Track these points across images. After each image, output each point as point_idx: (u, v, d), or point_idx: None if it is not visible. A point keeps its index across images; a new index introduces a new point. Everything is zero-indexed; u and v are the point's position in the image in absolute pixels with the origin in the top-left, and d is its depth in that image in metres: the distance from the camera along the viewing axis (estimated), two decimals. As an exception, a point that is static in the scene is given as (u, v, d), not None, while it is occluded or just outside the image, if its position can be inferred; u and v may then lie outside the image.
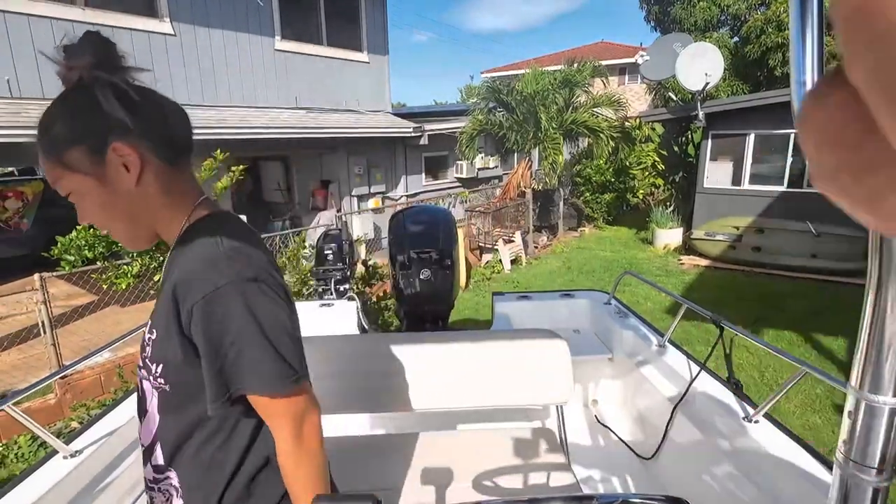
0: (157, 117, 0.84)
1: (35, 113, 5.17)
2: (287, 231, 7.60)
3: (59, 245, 3.98)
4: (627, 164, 11.36)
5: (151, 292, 4.99)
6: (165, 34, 6.65)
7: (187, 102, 6.85)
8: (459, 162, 11.41)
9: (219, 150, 4.53)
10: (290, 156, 9.67)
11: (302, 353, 0.86)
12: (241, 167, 4.71)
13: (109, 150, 0.79)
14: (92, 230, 3.96)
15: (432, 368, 1.70)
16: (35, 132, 0.81)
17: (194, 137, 0.92)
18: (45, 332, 4.50)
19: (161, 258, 4.16)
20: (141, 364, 0.89)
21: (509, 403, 1.77)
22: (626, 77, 21.52)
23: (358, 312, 2.87)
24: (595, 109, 9.90)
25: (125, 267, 4.14)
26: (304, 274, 5.34)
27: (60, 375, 4.28)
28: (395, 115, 10.43)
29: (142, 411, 0.92)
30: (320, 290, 4.71)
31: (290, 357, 0.82)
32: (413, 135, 9.59)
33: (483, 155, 11.78)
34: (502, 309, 2.76)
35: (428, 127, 9.93)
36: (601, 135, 9.49)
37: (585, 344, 2.60)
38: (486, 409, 2.08)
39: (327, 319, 2.86)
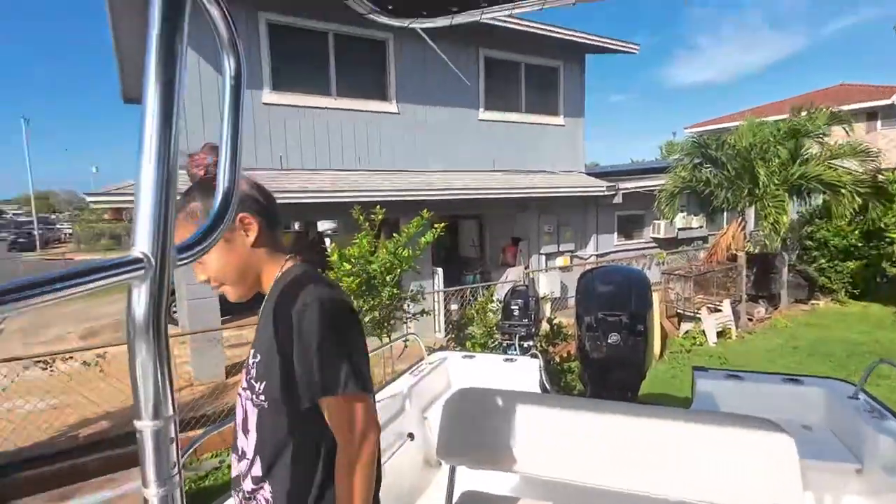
0: (263, 196, 1.13)
1: (298, 181, 6.57)
2: (477, 284, 8.02)
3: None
4: (882, 224, 9.23)
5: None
6: (392, 113, 7.90)
7: (403, 169, 7.95)
8: (657, 221, 10.70)
9: (425, 210, 5.10)
10: (485, 214, 10.31)
11: (369, 372, 1.05)
12: (443, 225, 5.19)
13: (237, 220, 1.07)
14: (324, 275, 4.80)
15: (616, 443, 1.56)
16: (287, 196, 1.11)
17: (402, 199, 1.16)
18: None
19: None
20: (245, 386, 1.10)
21: (706, 501, 1.50)
22: (879, 122, 17.83)
23: (540, 371, 2.84)
24: (833, 161, 8.40)
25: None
26: (490, 327, 5.52)
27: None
28: (589, 174, 10.39)
29: (244, 429, 1.10)
30: (504, 344, 4.82)
31: (359, 369, 1.01)
32: (606, 193, 9.39)
33: (685, 214, 10.86)
34: (705, 387, 2.45)
35: (622, 185, 9.63)
36: (842, 190, 7.96)
37: (820, 445, 2.13)
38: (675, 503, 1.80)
39: (509, 374, 2.89)
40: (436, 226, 5.11)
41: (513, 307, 4.74)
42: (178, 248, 0.52)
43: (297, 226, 13.41)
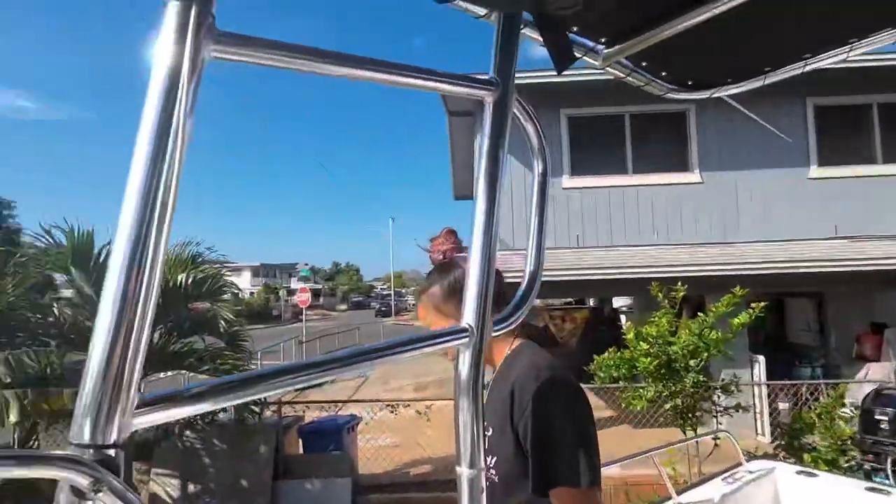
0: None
1: (592, 257, 6.72)
2: (818, 381, 6.31)
3: (595, 362, 4.81)
4: None
5: (661, 419, 5.17)
6: (694, 183, 7.36)
7: (707, 241, 7.18)
8: None
9: (738, 287, 4.43)
10: (825, 292, 8.22)
11: (599, 464, 1.00)
12: (762, 304, 4.40)
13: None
14: (619, 353, 4.61)
15: None
16: (565, 272, 1.15)
17: (706, 274, 1.07)
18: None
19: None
20: None
21: None
22: None
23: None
24: None
25: (641, 390, 4.52)
26: (842, 439, 4.22)
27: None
28: None
29: None
30: (866, 466, 3.58)
31: (595, 462, 0.98)
32: None
33: None
34: None
35: None
36: None
37: None
38: None
39: (878, 508, 2.13)
40: (753, 305, 4.36)
41: (878, 417, 3.54)
42: (495, 320, 0.62)
43: (591, 301, 13.46)
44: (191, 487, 4.83)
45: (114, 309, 0.36)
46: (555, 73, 0.65)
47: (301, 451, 5.45)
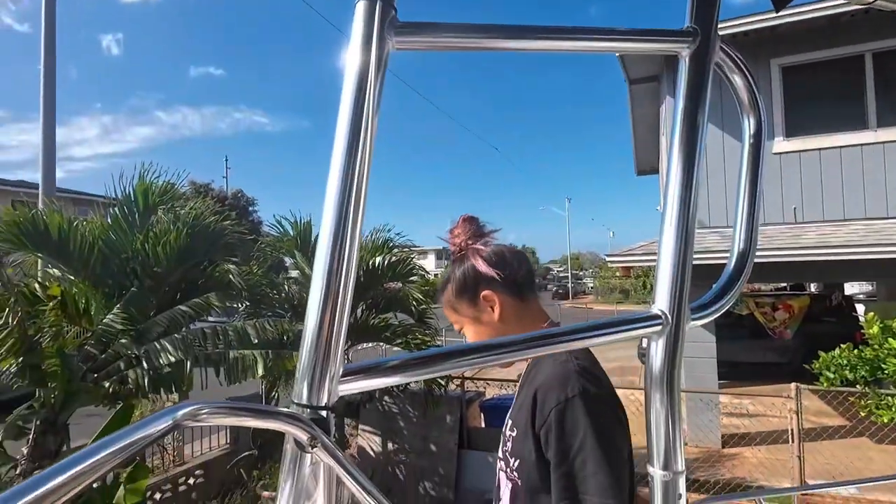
0: (505, 267, 1.09)
1: (814, 235, 5.61)
2: None
3: (820, 360, 4.03)
4: None
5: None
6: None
7: None
8: None
9: None
10: None
11: (625, 478, 0.90)
12: None
13: (480, 298, 1.09)
14: (856, 350, 3.77)
15: None
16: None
17: None
18: (792, 442, 4.62)
19: None
20: (500, 455, 1.06)
21: None
22: None
23: None
24: None
25: (888, 399, 3.64)
26: None
27: (802, 492, 4.25)
28: None
29: (497, 498, 1.07)
30: None
31: (619, 479, 0.88)
32: None
33: None
34: None
35: None
36: None
37: None
38: None
39: None
40: None
41: None
42: (693, 306, 0.54)
43: (812, 287, 11.32)
44: (389, 446, 5.45)
45: (321, 286, 0.40)
46: (761, 17, 0.53)
47: (483, 424, 5.72)
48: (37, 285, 3.13)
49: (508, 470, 1.02)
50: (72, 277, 3.45)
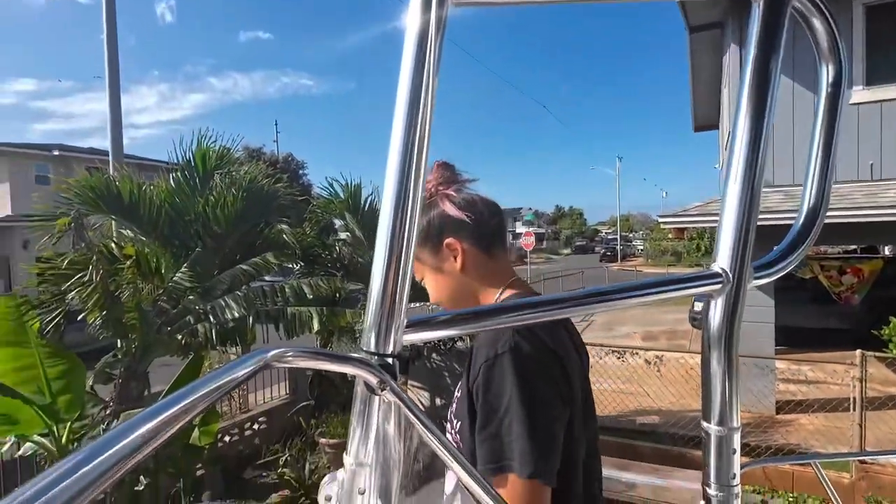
0: (475, 216, 0.99)
1: (890, 194, 5.19)
2: None
3: (890, 326, 3.80)
4: None
5: None
6: None
7: None
8: None
9: None
10: None
11: (554, 452, 0.82)
12: None
13: (443, 246, 0.99)
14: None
15: None
16: None
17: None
18: (853, 410, 4.44)
19: None
20: (448, 418, 1.01)
21: None
22: None
23: None
24: None
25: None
26: None
27: (860, 459, 4.12)
28: None
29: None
30: None
31: (544, 449, 0.80)
32: None
33: None
34: None
35: None
36: None
37: None
38: None
39: None
40: None
41: None
42: (756, 265, 0.53)
43: (887, 250, 10.56)
44: (437, 401, 5.65)
45: (385, 243, 0.42)
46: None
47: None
48: (114, 245, 3.38)
49: (453, 432, 0.97)
50: (143, 238, 3.70)
